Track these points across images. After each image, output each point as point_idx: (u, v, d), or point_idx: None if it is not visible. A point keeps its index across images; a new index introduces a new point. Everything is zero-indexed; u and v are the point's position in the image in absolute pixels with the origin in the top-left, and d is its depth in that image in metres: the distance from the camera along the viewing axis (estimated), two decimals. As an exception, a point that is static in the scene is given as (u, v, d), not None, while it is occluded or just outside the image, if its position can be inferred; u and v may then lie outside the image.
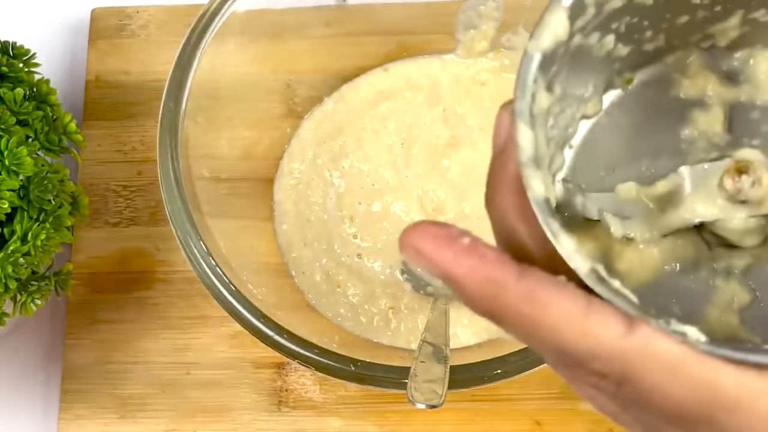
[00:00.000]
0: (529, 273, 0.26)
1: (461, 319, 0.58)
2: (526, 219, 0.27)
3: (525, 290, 0.26)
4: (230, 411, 0.59)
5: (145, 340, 0.61)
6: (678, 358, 0.25)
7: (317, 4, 0.62)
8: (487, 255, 0.26)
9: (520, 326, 0.26)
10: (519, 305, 0.26)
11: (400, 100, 0.64)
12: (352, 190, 0.62)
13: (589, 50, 0.29)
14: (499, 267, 0.26)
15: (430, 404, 0.47)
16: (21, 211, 0.50)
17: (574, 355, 0.26)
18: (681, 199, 0.29)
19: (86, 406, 0.59)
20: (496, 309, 0.26)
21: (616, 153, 0.31)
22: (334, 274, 0.60)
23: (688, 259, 0.30)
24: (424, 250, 0.27)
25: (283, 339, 0.51)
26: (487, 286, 0.26)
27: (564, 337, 0.25)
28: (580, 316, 0.25)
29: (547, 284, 0.26)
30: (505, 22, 0.62)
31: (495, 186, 0.28)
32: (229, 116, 0.61)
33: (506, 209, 0.27)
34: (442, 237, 0.27)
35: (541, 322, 0.25)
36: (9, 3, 0.71)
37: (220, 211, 0.56)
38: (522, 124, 0.26)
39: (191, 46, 0.55)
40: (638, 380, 0.25)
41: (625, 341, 0.25)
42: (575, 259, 0.25)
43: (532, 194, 0.26)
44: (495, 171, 0.28)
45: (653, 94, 0.31)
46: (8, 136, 0.49)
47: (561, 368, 0.28)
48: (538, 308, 0.25)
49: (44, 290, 0.53)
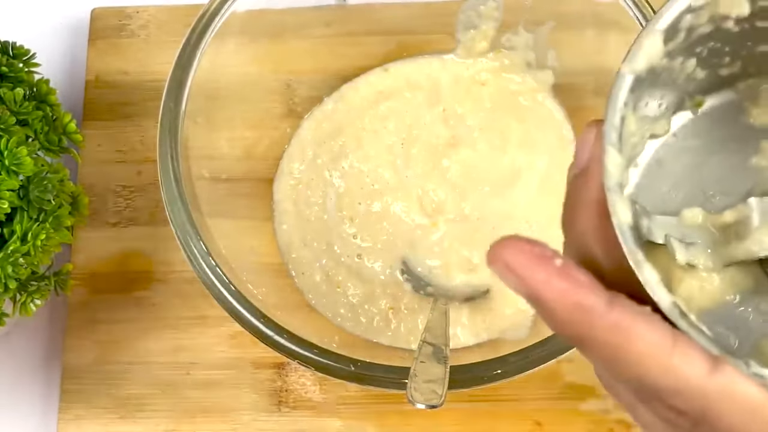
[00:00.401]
0: (619, 302, 0.26)
1: (461, 320, 0.58)
2: (605, 244, 0.27)
3: (615, 319, 0.26)
4: (230, 411, 0.59)
5: (145, 340, 0.61)
6: (759, 401, 0.25)
7: (317, 4, 0.62)
8: (579, 279, 0.26)
9: (605, 354, 0.26)
10: (607, 334, 0.26)
11: (400, 100, 0.64)
12: (352, 190, 0.62)
13: (670, 72, 0.29)
14: (589, 293, 0.26)
15: (430, 404, 0.46)
16: (21, 211, 0.50)
17: (655, 388, 0.26)
18: (748, 231, 0.29)
19: (86, 406, 0.59)
20: (584, 337, 0.26)
21: (682, 176, 0.31)
22: (334, 275, 0.60)
23: (748, 291, 0.29)
24: (515, 267, 0.27)
25: (283, 339, 0.50)
26: (577, 312, 0.26)
27: (649, 370, 0.25)
28: (667, 350, 0.25)
29: (636, 315, 0.26)
30: (505, 22, 0.62)
31: (575, 206, 0.28)
32: (229, 116, 0.61)
33: (586, 231, 0.27)
34: (535, 255, 0.26)
35: (628, 352, 0.25)
36: (9, 3, 0.71)
37: (220, 211, 0.56)
38: (611, 148, 0.26)
39: (191, 46, 0.55)
40: (716, 419, 0.25)
41: (708, 380, 0.25)
42: (659, 292, 0.25)
43: (617, 221, 0.26)
44: (576, 191, 0.28)
45: (723, 120, 0.31)
46: (8, 136, 0.49)
47: (635, 399, 0.28)
48: (626, 339, 0.25)
49: (44, 290, 0.53)
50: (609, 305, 0.26)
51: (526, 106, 0.63)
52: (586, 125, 0.28)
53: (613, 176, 0.26)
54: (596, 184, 0.27)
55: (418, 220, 0.61)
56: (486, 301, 0.58)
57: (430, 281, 0.59)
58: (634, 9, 0.54)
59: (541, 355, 0.49)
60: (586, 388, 0.58)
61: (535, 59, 0.63)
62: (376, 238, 0.61)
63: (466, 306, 0.58)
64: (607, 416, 0.58)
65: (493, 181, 0.61)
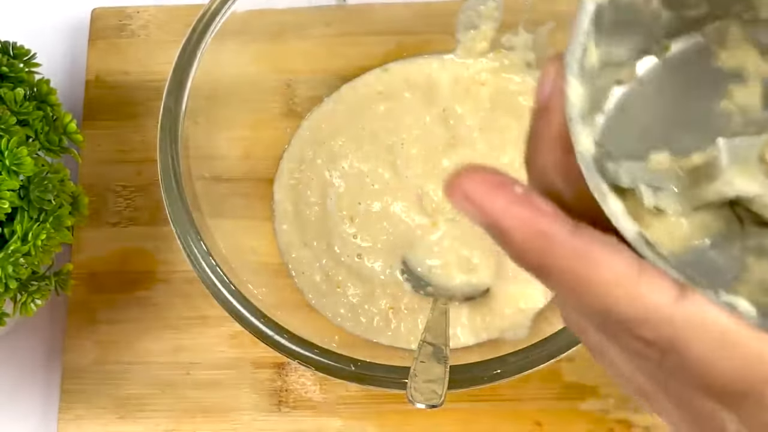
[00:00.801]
0: (582, 230, 0.25)
1: (461, 320, 0.58)
2: (569, 178, 0.26)
3: (578, 247, 0.25)
4: (230, 411, 0.59)
5: (145, 340, 0.61)
6: (728, 330, 0.24)
7: (317, 4, 0.62)
8: (541, 207, 0.25)
9: (568, 284, 0.25)
10: (569, 262, 0.25)
11: (400, 100, 0.64)
12: (352, 190, 0.62)
13: (634, 12, 0.28)
14: (552, 220, 0.25)
15: (430, 404, 0.46)
16: (21, 211, 0.50)
17: (621, 318, 0.25)
18: (717, 173, 0.28)
19: (86, 406, 0.59)
20: (545, 265, 0.25)
21: (649, 121, 0.30)
22: (333, 274, 0.60)
23: (718, 235, 0.29)
24: (473, 196, 0.26)
25: (283, 339, 0.51)
26: (538, 239, 0.25)
27: (614, 298, 0.24)
28: (633, 278, 0.24)
29: (601, 243, 0.25)
30: (505, 23, 0.62)
31: (537, 142, 0.27)
32: (229, 116, 0.61)
33: (548, 166, 0.26)
34: (495, 183, 0.25)
35: (592, 281, 0.25)
36: (9, 3, 0.71)
37: (220, 211, 0.56)
38: (572, 78, 0.25)
39: (191, 46, 0.55)
40: (685, 349, 0.24)
41: (675, 308, 0.24)
42: (623, 221, 0.25)
43: (580, 151, 0.25)
44: (538, 127, 0.27)
45: (690, 65, 0.30)
46: (8, 136, 0.49)
47: (601, 333, 0.27)
48: (591, 267, 0.24)
49: (44, 290, 0.53)
50: (573, 233, 0.25)
51: (525, 106, 0.63)
52: (547, 60, 0.27)
53: (575, 106, 0.25)
54: (558, 118, 0.26)
55: (418, 220, 0.61)
56: (486, 300, 0.59)
57: (430, 281, 0.59)
58: (633, 9, 0.54)
59: (540, 355, 0.49)
60: (586, 387, 0.58)
61: (535, 59, 0.63)
62: (376, 238, 0.61)
63: (466, 306, 0.58)
64: (607, 416, 0.58)
65: (493, 181, 0.61)
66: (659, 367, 0.26)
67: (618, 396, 0.58)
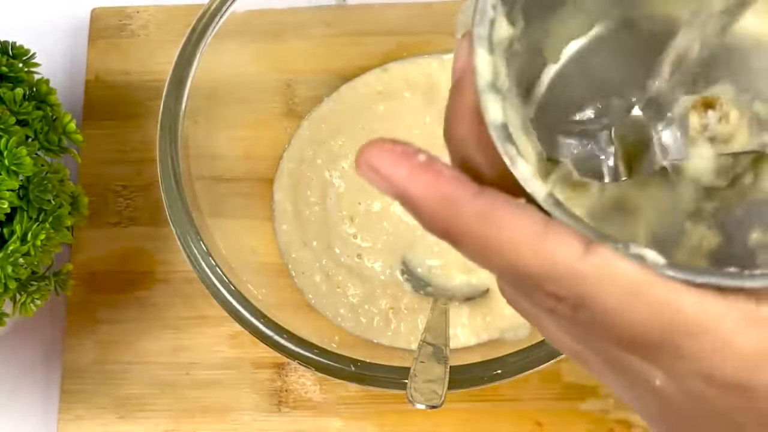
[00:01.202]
0: (486, 192, 0.25)
1: (461, 320, 0.58)
2: (483, 148, 0.26)
3: (481, 209, 0.25)
4: (230, 411, 0.59)
5: (145, 340, 0.61)
6: (636, 281, 0.24)
7: (317, 4, 0.62)
8: (443, 172, 0.25)
9: (475, 247, 0.25)
10: (474, 224, 0.25)
11: (400, 100, 0.64)
12: (351, 190, 0.62)
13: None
14: (455, 185, 0.25)
15: (430, 404, 0.46)
16: (21, 211, 0.50)
17: (529, 276, 0.25)
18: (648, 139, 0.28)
19: (86, 406, 0.59)
20: (452, 229, 0.25)
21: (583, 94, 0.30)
22: (333, 275, 0.60)
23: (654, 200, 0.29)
24: (379, 167, 0.26)
25: (283, 339, 0.50)
26: (443, 204, 0.25)
27: (520, 257, 0.25)
28: (538, 236, 0.24)
29: (505, 204, 0.25)
30: (505, 22, 0.62)
31: (452, 116, 0.27)
32: (229, 116, 0.61)
33: (464, 138, 0.27)
34: (398, 153, 0.26)
35: (497, 241, 0.25)
36: (9, 3, 0.71)
37: (220, 211, 0.56)
38: (480, 49, 0.26)
39: (191, 46, 0.55)
40: (595, 303, 0.24)
41: (582, 262, 0.24)
42: (532, 183, 0.25)
43: (489, 119, 0.25)
44: (452, 101, 0.27)
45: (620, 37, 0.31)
46: (8, 136, 0.49)
47: (518, 296, 0.28)
48: (494, 228, 0.25)
49: (44, 290, 0.53)
50: (476, 195, 0.25)
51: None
52: (461, 37, 0.28)
53: (483, 76, 0.26)
54: (471, 90, 0.26)
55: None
56: (486, 301, 0.58)
57: (430, 281, 0.59)
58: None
59: (540, 356, 0.49)
60: (586, 388, 0.58)
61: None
62: (376, 238, 0.61)
63: (466, 306, 0.58)
64: (607, 416, 0.58)
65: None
66: (574, 324, 0.26)
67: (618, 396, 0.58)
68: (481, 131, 0.26)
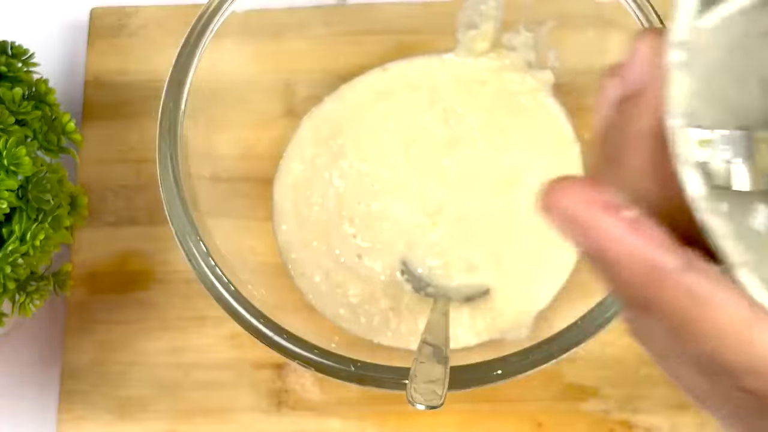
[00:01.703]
0: (696, 266, 0.22)
1: (461, 320, 0.58)
2: (662, 182, 0.23)
3: (691, 284, 0.22)
4: (229, 412, 0.59)
5: (144, 340, 0.61)
6: None
7: (317, 4, 0.62)
8: (654, 236, 0.22)
9: (674, 322, 0.23)
10: (677, 301, 0.22)
11: (400, 100, 0.64)
12: (351, 190, 0.62)
13: None
14: (664, 253, 0.22)
15: (430, 405, 0.46)
16: (20, 211, 0.50)
17: (727, 366, 0.23)
18: None
19: (85, 407, 0.59)
20: (652, 298, 0.23)
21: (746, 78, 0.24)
22: (334, 275, 0.60)
23: None
24: (576, 217, 0.23)
25: (282, 339, 0.50)
26: (648, 272, 0.22)
27: (722, 345, 0.22)
28: (747, 324, 0.22)
29: (715, 282, 0.22)
30: (506, 22, 0.62)
31: (624, 138, 0.23)
32: (229, 116, 0.61)
33: (640, 168, 0.23)
34: (600, 204, 0.23)
35: (703, 322, 0.22)
36: (8, 3, 0.71)
37: (219, 211, 0.56)
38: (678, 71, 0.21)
39: (190, 46, 0.55)
40: None
41: None
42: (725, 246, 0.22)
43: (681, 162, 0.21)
44: (626, 119, 0.23)
45: None
46: (7, 136, 0.49)
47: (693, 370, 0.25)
48: (702, 308, 0.22)
49: (43, 291, 0.53)
50: (685, 268, 0.22)
51: (526, 106, 0.62)
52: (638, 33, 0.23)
53: (680, 106, 0.21)
54: (652, 112, 0.22)
55: (418, 220, 0.60)
56: (486, 301, 0.58)
57: (430, 281, 0.59)
58: (635, 9, 0.54)
59: (541, 356, 0.49)
60: (586, 388, 0.58)
61: (536, 59, 0.63)
62: (376, 238, 0.60)
63: (466, 306, 0.58)
64: (608, 416, 0.57)
65: (493, 180, 0.61)
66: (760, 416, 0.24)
67: (619, 397, 0.58)
68: (661, 161, 0.23)
